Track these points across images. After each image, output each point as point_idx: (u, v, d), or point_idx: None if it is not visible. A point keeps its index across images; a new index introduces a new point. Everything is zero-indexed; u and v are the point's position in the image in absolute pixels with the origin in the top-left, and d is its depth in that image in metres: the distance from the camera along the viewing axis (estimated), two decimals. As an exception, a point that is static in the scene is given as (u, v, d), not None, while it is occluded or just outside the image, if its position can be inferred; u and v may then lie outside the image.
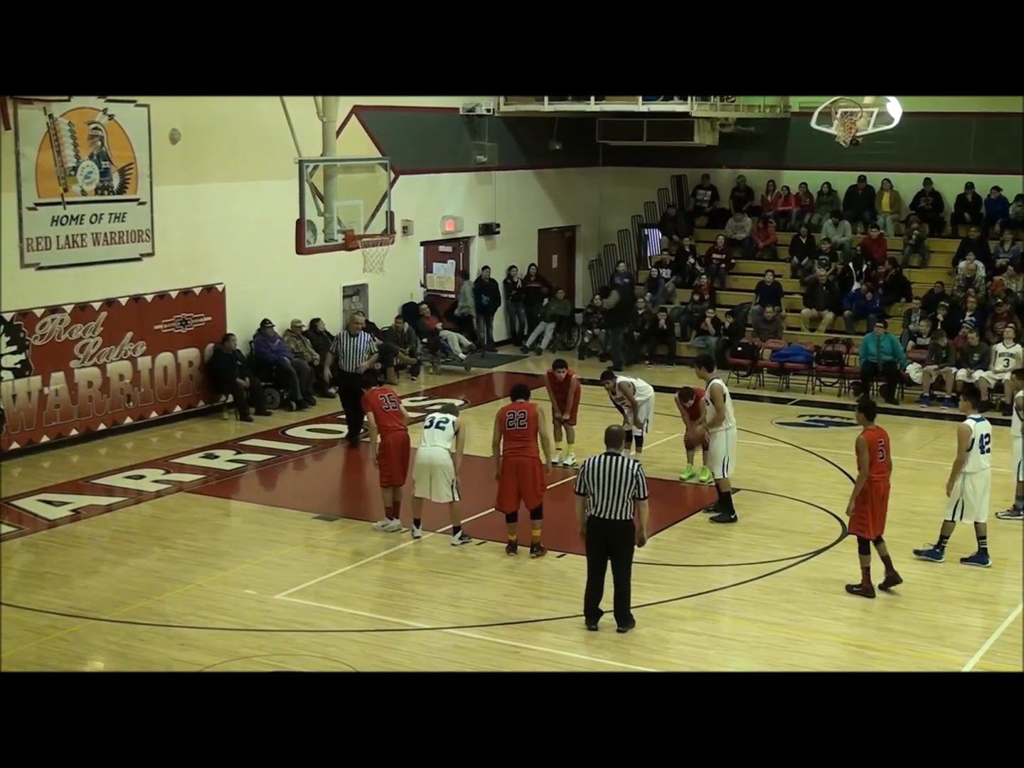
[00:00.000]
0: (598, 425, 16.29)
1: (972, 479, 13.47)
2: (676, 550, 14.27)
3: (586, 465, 11.55)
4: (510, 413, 13.95)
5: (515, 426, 13.88)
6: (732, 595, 13.00)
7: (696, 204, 28.92)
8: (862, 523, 12.72)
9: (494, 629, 11.94)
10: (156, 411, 19.89)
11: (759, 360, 23.77)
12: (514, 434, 13.89)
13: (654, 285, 27.07)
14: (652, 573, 13.15)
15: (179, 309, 20.12)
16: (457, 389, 23.15)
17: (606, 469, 11.39)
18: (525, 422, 13.88)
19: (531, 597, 12.94)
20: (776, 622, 12.17)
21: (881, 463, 12.76)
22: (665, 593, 12.84)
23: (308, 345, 21.83)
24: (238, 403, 20.43)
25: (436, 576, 13.49)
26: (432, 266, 26.40)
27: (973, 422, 13.46)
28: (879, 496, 12.74)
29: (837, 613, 12.49)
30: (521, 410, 13.96)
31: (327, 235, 17.92)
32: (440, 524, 14.62)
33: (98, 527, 15.18)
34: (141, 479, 17.09)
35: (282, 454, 18.52)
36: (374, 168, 19.56)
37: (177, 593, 12.91)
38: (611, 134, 27.73)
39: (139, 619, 12.14)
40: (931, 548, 13.82)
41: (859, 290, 24.70)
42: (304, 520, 15.37)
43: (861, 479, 12.67)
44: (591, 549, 11.73)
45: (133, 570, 13.72)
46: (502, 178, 26.81)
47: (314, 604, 12.59)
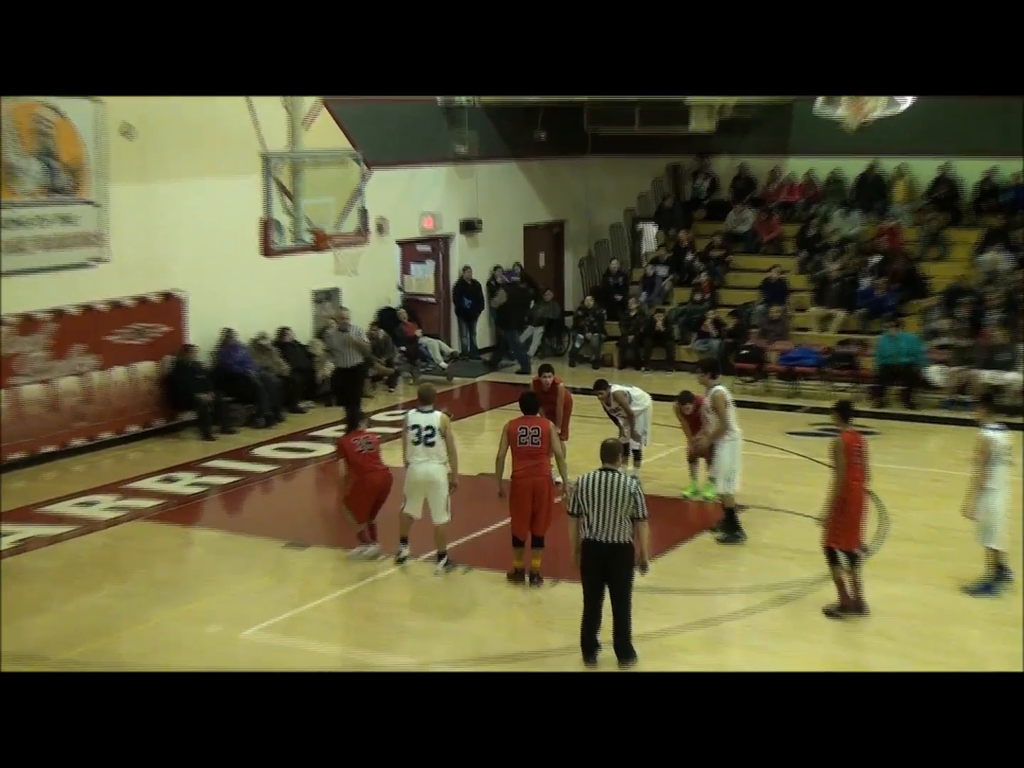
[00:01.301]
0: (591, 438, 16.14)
1: (995, 496, 13.15)
2: (680, 574, 14.10)
3: (579, 483, 11.42)
4: (522, 428, 13.71)
5: (528, 443, 13.65)
6: (742, 623, 12.83)
7: (694, 195, 28.82)
8: (836, 533, 12.63)
9: (484, 663, 11.74)
10: (109, 431, 19.71)
11: (765, 364, 23.68)
12: (527, 452, 13.66)
13: (650, 284, 27.00)
14: (654, 600, 12.95)
15: (134, 318, 19.97)
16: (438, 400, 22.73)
17: (602, 487, 11.28)
18: (539, 439, 13.65)
19: (523, 630, 12.81)
20: (792, 653, 11.98)
21: (858, 468, 12.68)
22: (669, 622, 12.67)
23: (276, 356, 21.68)
24: (200, 420, 20.28)
25: (419, 608, 13.34)
26: (410, 267, 26.28)
27: (993, 433, 13.16)
28: (857, 504, 12.64)
29: (860, 641, 12.34)
30: (534, 426, 13.74)
31: (295, 235, 18.04)
32: (422, 550, 14.44)
33: (46, 559, 14.97)
34: (93, 506, 16.91)
35: (249, 476, 18.38)
36: (345, 162, 19.60)
37: (133, 632, 12.70)
38: (600, 121, 27.55)
39: (91, 661, 11.88)
40: (984, 583, 13.44)
41: (873, 286, 24.58)
42: (273, 548, 15.20)
43: (837, 485, 12.57)
44: (587, 575, 11.60)
45: (84, 607, 13.49)
46: (484, 171, 26.74)
47: (285, 641, 12.38)
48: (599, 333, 26.12)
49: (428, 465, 13.93)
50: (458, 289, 26.32)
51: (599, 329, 26.18)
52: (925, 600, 13.19)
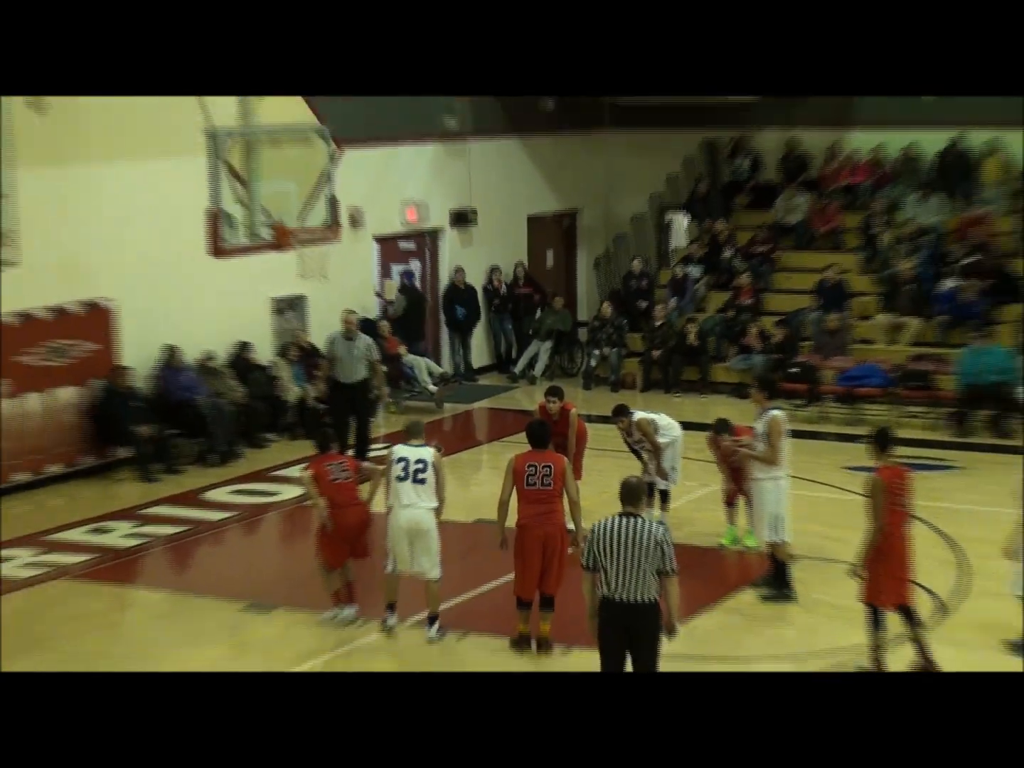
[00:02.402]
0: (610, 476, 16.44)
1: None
2: (717, 640, 14.38)
3: (595, 531, 11.41)
4: (530, 466, 13.83)
5: (537, 484, 13.77)
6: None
7: (733, 178, 29.11)
8: (877, 588, 12.95)
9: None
10: (25, 471, 19.93)
11: (821, 385, 23.94)
12: (537, 495, 13.79)
13: (680, 288, 27.24)
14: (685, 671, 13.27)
15: (52, 334, 20.17)
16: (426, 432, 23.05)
17: (622, 535, 11.30)
18: (551, 480, 13.75)
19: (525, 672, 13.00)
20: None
21: (899, 511, 12.97)
22: (705, 697, 12.99)
23: (229, 378, 21.90)
24: (138, 458, 20.51)
25: (408, 678, 13.55)
26: (390, 269, 26.47)
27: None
28: (898, 553, 12.94)
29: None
30: (546, 463, 13.83)
31: (250, 230, 17.99)
32: (408, 612, 14.71)
33: (-51, 627, 15.15)
34: (8, 562, 17.09)
35: (199, 524, 18.61)
36: (310, 139, 19.49)
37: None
38: (621, 88, 27.93)
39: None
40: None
41: (956, 288, 24.88)
42: (229, 612, 15.43)
43: (874, 531, 12.86)
44: (605, 641, 11.62)
45: None
46: (478, 149, 27.04)
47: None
48: (619, 348, 26.42)
49: (415, 510, 14.06)
50: (449, 296, 26.61)
51: (619, 343, 26.48)
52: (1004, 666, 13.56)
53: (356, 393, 20.13)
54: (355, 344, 20.17)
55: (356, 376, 20.16)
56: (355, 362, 20.10)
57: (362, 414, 20.53)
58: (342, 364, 20.14)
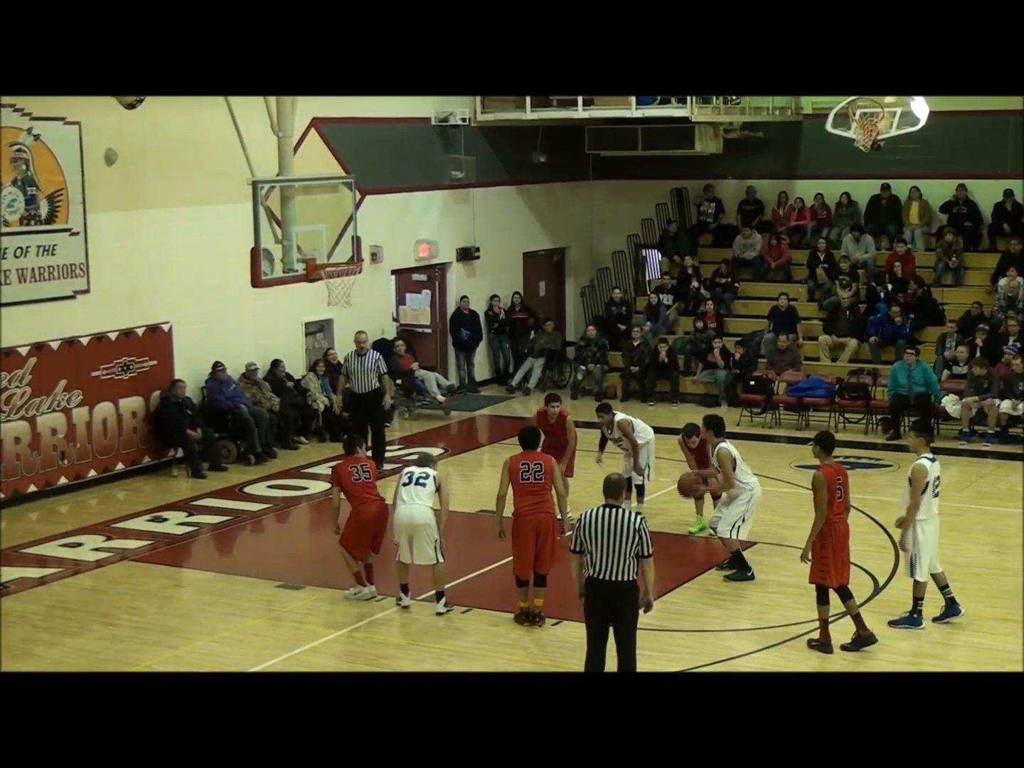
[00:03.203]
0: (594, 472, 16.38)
1: (924, 526, 13.43)
2: (686, 613, 14.31)
3: (582, 520, 11.43)
4: (523, 464, 13.96)
5: (530, 479, 13.91)
6: (752, 664, 12.97)
7: (700, 220, 29.07)
8: (823, 570, 12.90)
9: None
10: (95, 469, 19.89)
11: (774, 395, 23.87)
12: (530, 488, 13.92)
13: (654, 313, 27.23)
14: (660, 640, 13.17)
15: (119, 352, 20.15)
16: (436, 436, 23.18)
17: (606, 523, 11.29)
18: (542, 475, 13.89)
19: (524, 672, 12.91)
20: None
21: (839, 503, 12.95)
22: (675, 663, 12.84)
23: (266, 390, 21.90)
24: (189, 458, 20.46)
25: (417, 650, 13.50)
26: (405, 297, 26.50)
27: (928, 462, 13.43)
28: (840, 539, 12.92)
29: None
30: (536, 461, 14.00)
31: (286, 265, 17.97)
32: (419, 590, 14.62)
33: (30, 603, 15.11)
34: (79, 547, 17.06)
35: (240, 515, 18.55)
36: (337, 188, 19.64)
37: (122, 676, 12.85)
38: (602, 143, 27.92)
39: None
40: (907, 615, 13.77)
41: (886, 313, 24.81)
42: (266, 589, 15.36)
43: (818, 520, 12.85)
44: (591, 615, 11.63)
45: (70, 651, 13.66)
46: (481, 196, 26.99)
47: (279, 685, 12.52)
48: (602, 364, 26.32)
49: (411, 506, 14.06)
50: (455, 320, 26.55)
51: (602, 360, 26.40)
52: (932, 639, 13.44)
53: (369, 402, 19.99)
54: (366, 359, 20.17)
55: (368, 387, 20.11)
56: (366, 375, 20.10)
57: (376, 420, 20.43)
58: (356, 377, 20.23)
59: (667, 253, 28.73)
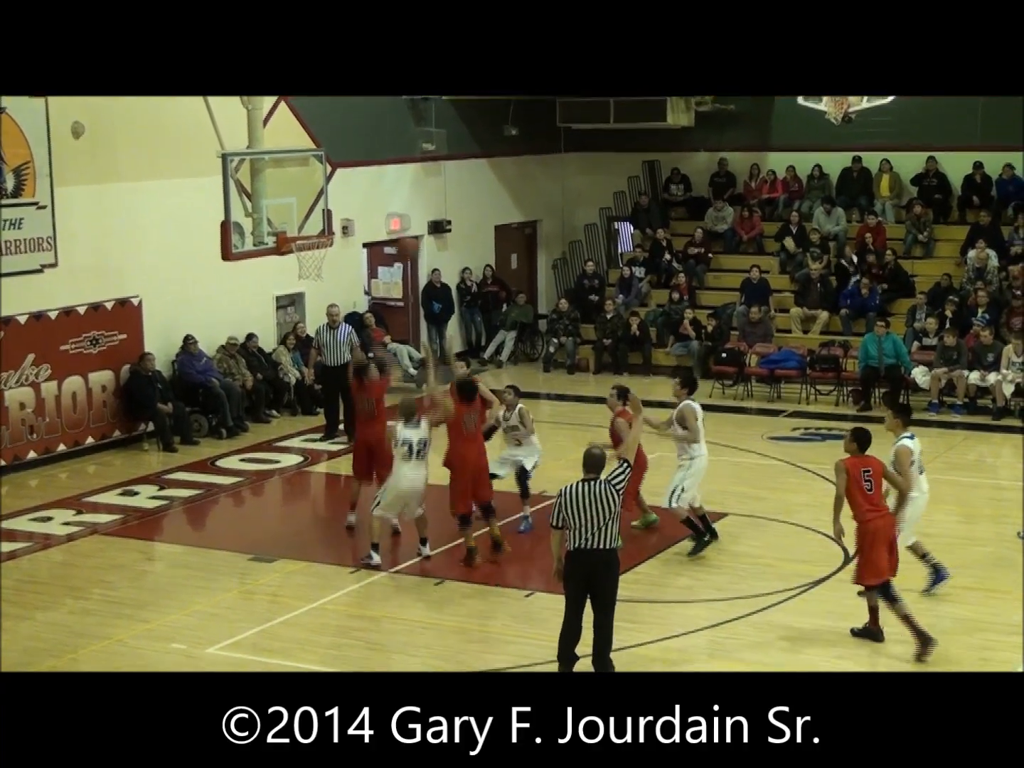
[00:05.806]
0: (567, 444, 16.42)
1: (916, 503, 13.39)
2: (656, 584, 14.38)
3: (563, 494, 11.37)
4: (467, 416, 14.89)
5: (471, 427, 14.96)
6: (722, 634, 13.07)
7: (671, 193, 29.08)
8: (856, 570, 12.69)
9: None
10: (64, 443, 19.84)
11: (746, 367, 23.95)
12: (469, 435, 14.97)
13: (626, 285, 27.26)
14: (631, 611, 13.15)
15: (88, 326, 20.08)
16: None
17: (587, 496, 11.28)
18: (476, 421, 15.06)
19: (497, 642, 13.02)
20: (773, 663, 12.23)
21: (869, 495, 12.55)
22: (646, 633, 12.92)
23: (241, 365, 21.84)
24: (160, 431, 20.42)
25: (390, 620, 13.56)
26: (377, 270, 26.50)
27: (908, 441, 13.37)
28: (867, 537, 12.52)
29: (842, 651, 12.56)
30: (473, 412, 15.01)
31: (256, 238, 18.01)
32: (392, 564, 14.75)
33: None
34: (49, 521, 17.03)
35: (212, 488, 18.52)
36: (308, 161, 19.61)
37: (93, 650, 12.84)
38: (574, 116, 27.83)
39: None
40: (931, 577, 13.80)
41: (856, 285, 24.90)
42: (238, 562, 15.38)
43: (837, 504, 12.58)
44: (571, 585, 11.57)
45: (41, 625, 13.65)
46: (452, 168, 26.92)
47: (251, 658, 12.57)
48: (574, 337, 26.35)
49: (417, 482, 14.69)
50: (427, 293, 26.54)
51: (574, 333, 26.42)
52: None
53: (342, 375, 19.86)
54: (338, 332, 20.32)
55: (341, 360, 20.11)
56: (339, 347, 20.22)
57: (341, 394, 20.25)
58: (328, 350, 20.32)
59: (639, 226, 28.75)
